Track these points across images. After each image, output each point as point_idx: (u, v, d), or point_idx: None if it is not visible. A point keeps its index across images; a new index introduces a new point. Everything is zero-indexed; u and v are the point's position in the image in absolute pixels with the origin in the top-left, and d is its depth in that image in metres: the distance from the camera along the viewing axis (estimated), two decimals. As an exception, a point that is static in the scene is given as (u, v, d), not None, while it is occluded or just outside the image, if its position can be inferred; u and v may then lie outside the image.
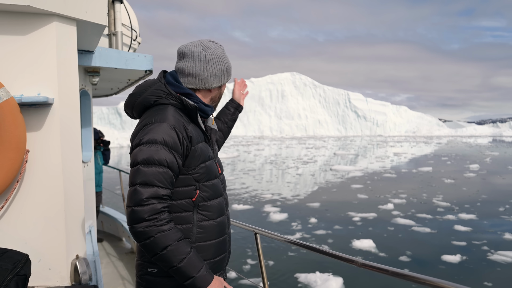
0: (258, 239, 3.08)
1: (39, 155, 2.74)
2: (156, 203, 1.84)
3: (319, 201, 20.63)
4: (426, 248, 12.63)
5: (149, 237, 1.82)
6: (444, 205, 19.32)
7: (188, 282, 1.88)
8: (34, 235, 2.75)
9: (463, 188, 24.90)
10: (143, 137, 1.90)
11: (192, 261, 1.87)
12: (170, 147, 1.89)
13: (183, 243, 1.87)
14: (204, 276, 1.89)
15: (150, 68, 4.50)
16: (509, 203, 19.75)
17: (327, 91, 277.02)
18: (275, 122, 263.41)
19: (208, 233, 2.05)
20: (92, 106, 5.16)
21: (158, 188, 1.86)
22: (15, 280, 2.28)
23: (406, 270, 1.94)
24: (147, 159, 1.86)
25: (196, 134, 2.02)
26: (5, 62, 2.64)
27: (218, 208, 2.10)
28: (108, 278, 6.00)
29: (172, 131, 1.90)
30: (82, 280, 2.80)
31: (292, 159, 51.28)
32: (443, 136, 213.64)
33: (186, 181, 1.99)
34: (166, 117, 1.94)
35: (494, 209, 18.33)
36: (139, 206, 1.82)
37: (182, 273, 1.86)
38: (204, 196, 2.04)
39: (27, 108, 2.69)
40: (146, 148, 1.88)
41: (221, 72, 2.12)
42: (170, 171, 1.89)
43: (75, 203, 2.90)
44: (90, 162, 4.90)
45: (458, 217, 16.65)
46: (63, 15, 2.75)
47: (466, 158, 52.07)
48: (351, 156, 57.20)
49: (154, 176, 1.85)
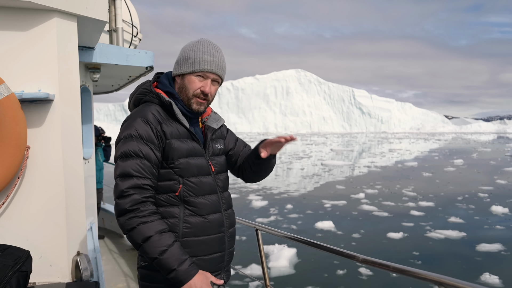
0: (259, 236, 3.08)
1: (40, 151, 2.74)
2: (135, 193, 1.89)
3: (299, 191, 22.92)
4: (377, 227, 14.60)
5: (131, 228, 1.87)
6: (410, 194, 21.28)
7: (171, 275, 1.87)
8: (35, 231, 2.75)
9: (436, 181, 26.77)
10: (121, 133, 2.00)
11: (173, 254, 1.86)
12: (145, 140, 1.95)
13: (166, 235, 1.88)
14: (186, 270, 1.87)
15: (151, 64, 4.50)
16: (469, 193, 21.80)
17: (332, 88, 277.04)
18: (280, 119, 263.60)
19: (197, 229, 2.05)
20: (93, 103, 5.16)
21: (137, 178, 1.91)
22: (16, 277, 2.28)
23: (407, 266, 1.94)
24: (123, 152, 1.94)
25: (174, 130, 2.04)
26: (6, 58, 2.64)
27: (208, 205, 2.09)
28: (109, 275, 6.01)
29: (145, 125, 1.98)
30: (83, 277, 2.80)
31: (289, 154, 52.68)
32: (447, 132, 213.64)
33: (168, 175, 2.02)
34: (142, 113, 2.02)
35: (453, 198, 20.41)
36: (121, 198, 1.89)
37: (164, 265, 1.86)
38: (189, 192, 2.04)
39: (28, 104, 2.69)
40: (122, 142, 1.97)
41: (179, 60, 2.13)
42: (147, 162, 1.94)
43: (76, 200, 2.90)
44: (91, 158, 4.90)
45: (417, 204, 18.69)
46: (64, 11, 2.74)
47: (455, 153, 53.80)
48: (346, 152, 58.64)
49: (131, 167, 1.91)
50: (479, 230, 14.34)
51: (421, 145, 79.14)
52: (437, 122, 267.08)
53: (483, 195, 21.11)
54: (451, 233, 13.76)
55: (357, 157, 48.69)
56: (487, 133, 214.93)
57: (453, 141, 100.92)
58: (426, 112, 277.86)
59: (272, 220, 15.88)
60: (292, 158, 46.65)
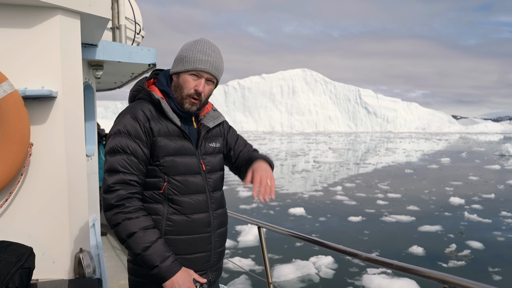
0: (262, 233, 3.08)
1: (43, 148, 2.74)
2: (121, 189, 1.91)
3: (283, 184, 24.85)
4: (342, 213, 16.49)
5: (117, 223, 1.90)
6: (383, 188, 23.03)
7: (153, 271, 1.90)
8: (38, 228, 2.75)
9: (414, 177, 28.42)
10: (112, 129, 2.03)
11: (156, 250, 1.88)
12: (133, 136, 1.98)
13: (150, 232, 1.90)
14: (168, 266, 1.89)
15: (154, 61, 4.49)
16: (437, 187, 23.54)
17: (338, 87, 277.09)
18: (286, 118, 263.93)
19: (179, 228, 2.05)
20: (95, 100, 5.16)
21: (123, 174, 1.93)
22: (19, 273, 2.29)
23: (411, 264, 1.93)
24: (111, 148, 1.97)
25: (164, 128, 2.05)
26: (9, 55, 2.64)
27: (193, 205, 2.08)
28: (112, 272, 6.02)
29: (134, 121, 1.99)
30: (86, 273, 2.80)
31: (286, 152, 53.89)
32: (452, 132, 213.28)
33: (153, 172, 2.04)
34: (132, 110, 2.05)
35: (420, 191, 22.07)
36: (107, 193, 1.92)
37: (147, 261, 1.89)
38: (174, 190, 2.04)
39: (31, 101, 2.69)
40: (112, 138, 2.00)
41: (176, 58, 2.14)
42: (134, 158, 1.96)
43: (79, 197, 2.90)
44: (94, 155, 4.90)
45: (385, 196, 20.46)
46: (67, 8, 2.74)
47: (447, 152, 54.88)
48: (343, 150, 59.55)
49: (117, 163, 1.94)
50: (429, 216, 16.02)
51: (421, 144, 79.66)
52: (443, 122, 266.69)
53: (448, 189, 22.60)
54: (402, 218, 15.64)
55: (351, 155, 49.74)
56: (493, 133, 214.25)
57: (454, 141, 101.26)
58: (432, 112, 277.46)
59: (254, 207, 17.72)
60: (289, 156, 47.81)
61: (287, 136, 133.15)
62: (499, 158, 45.02)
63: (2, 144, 2.55)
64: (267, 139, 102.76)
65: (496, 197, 20.24)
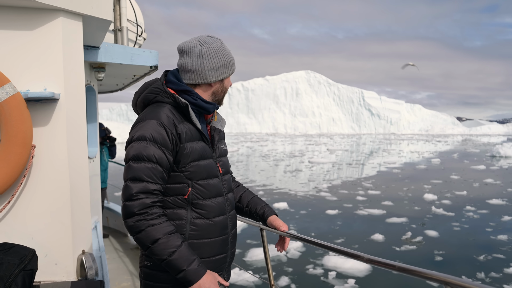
0: (264, 235, 3.07)
1: (45, 150, 2.75)
2: (145, 197, 1.89)
3: (273, 182, 26.16)
4: (321, 207, 17.62)
5: (140, 230, 1.88)
6: (367, 186, 24.04)
7: (180, 275, 1.90)
8: (40, 230, 2.76)
9: (399, 176, 29.20)
10: (134, 134, 1.97)
11: (182, 254, 1.89)
12: (159, 144, 1.93)
13: (174, 237, 1.90)
14: (195, 270, 1.90)
15: (155, 63, 4.50)
16: (417, 185, 24.31)
17: (341, 89, 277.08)
18: (290, 120, 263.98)
19: (203, 232, 2.06)
20: (97, 102, 5.17)
21: (147, 183, 1.91)
22: (21, 275, 2.29)
23: (414, 266, 1.92)
24: (136, 155, 1.92)
25: (188, 133, 2.03)
26: (12, 58, 2.65)
27: (215, 208, 2.10)
28: (114, 274, 6.02)
29: (161, 128, 1.95)
30: (88, 275, 2.80)
31: (284, 153, 54.51)
32: (454, 134, 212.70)
33: (177, 178, 2.02)
34: (156, 115, 1.99)
35: (400, 189, 23.04)
36: (130, 201, 1.89)
37: (173, 266, 1.89)
38: (198, 194, 2.05)
39: (34, 103, 2.69)
40: (136, 144, 1.94)
41: (219, 66, 2.13)
42: (160, 167, 1.94)
43: (81, 198, 2.90)
44: (96, 157, 4.91)
45: (366, 193, 21.48)
46: (69, 11, 2.74)
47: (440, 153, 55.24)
48: (340, 151, 60.12)
49: (143, 172, 1.91)
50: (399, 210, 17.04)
51: (419, 146, 79.94)
52: (446, 124, 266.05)
53: (426, 187, 23.45)
54: (375, 211, 16.53)
55: (346, 156, 50.29)
56: (496, 135, 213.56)
57: (453, 142, 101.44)
58: (436, 114, 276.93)
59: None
60: (286, 156, 48.63)
61: (290, 138, 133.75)
62: (488, 159, 45.07)
63: (4, 146, 2.56)
64: (269, 141, 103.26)
65: (467, 194, 21.18)
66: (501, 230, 14.05)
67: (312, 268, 10.06)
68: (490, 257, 11.18)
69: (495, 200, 19.27)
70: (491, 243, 12.58)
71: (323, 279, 9.51)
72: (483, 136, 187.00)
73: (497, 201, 19.10)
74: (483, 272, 10.09)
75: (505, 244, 12.43)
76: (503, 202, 19.01)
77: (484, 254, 11.36)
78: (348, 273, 9.74)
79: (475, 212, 16.79)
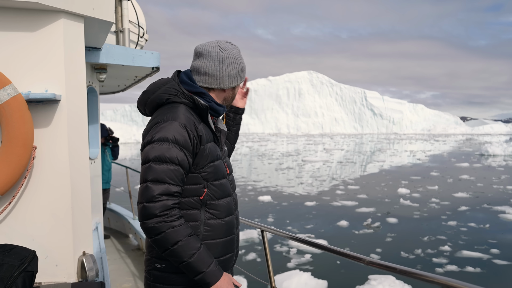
0: (265, 237, 3.07)
1: (47, 151, 2.75)
2: (167, 199, 1.88)
3: (262, 178, 28.11)
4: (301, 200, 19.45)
5: (160, 232, 1.86)
6: (348, 181, 25.83)
7: (198, 277, 1.91)
8: (41, 231, 2.75)
9: (382, 173, 30.88)
10: (155, 135, 1.94)
11: (202, 257, 1.90)
12: (181, 145, 1.93)
13: (193, 239, 1.91)
14: (213, 272, 1.92)
15: (157, 65, 4.50)
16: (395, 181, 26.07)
17: (343, 89, 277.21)
18: (292, 120, 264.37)
19: (215, 232, 2.08)
20: (99, 103, 5.17)
21: (169, 185, 1.90)
22: (22, 277, 2.29)
23: (415, 269, 1.92)
24: (158, 156, 1.90)
25: (206, 134, 2.05)
26: (13, 59, 2.65)
27: (226, 208, 2.12)
28: (115, 275, 6.02)
29: (183, 130, 1.94)
30: (89, 277, 2.80)
31: (281, 153, 56.08)
32: (456, 134, 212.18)
33: (194, 180, 2.02)
34: (177, 116, 1.97)
35: (377, 184, 24.81)
36: (151, 203, 1.87)
37: (193, 268, 1.89)
38: (212, 195, 2.06)
39: (35, 105, 2.69)
40: (157, 146, 1.92)
41: (236, 73, 2.15)
42: (181, 169, 1.93)
43: (82, 200, 2.90)
44: (97, 158, 4.91)
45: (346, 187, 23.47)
46: (71, 12, 2.74)
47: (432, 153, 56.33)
48: (336, 151, 61.53)
49: (165, 174, 1.89)
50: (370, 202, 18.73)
51: (416, 145, 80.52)
52: (449, 124, 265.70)
53: (403, 182, 25.22)
54: (348, 203, 18.39)
55: (340, 155, 51.37)
56: (497, 134, 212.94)
57: (450, 142, 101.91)
58: (439, 114, 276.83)
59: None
60: (282, 156, 50.02)
61: (291, 138, 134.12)
62: (476, 157, 45.88)
63: (5, 147, 2.56)
64: (270, 141, 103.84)
65: (438, 189, 22.63)
66: (454, 217, 15.84)
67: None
68: (433, 238, 12.79)
69: (460, 193, 20.85)
70: (441, 228, 14.23)
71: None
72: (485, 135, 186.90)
73: (462, 194, 20.71)
74: (420, 249, 11.63)
75: (451, 228, 14.10)
76: (467, 195, 20.60)
77: (429, 236, 13.05)
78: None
79: (438, 203, 18.44)
